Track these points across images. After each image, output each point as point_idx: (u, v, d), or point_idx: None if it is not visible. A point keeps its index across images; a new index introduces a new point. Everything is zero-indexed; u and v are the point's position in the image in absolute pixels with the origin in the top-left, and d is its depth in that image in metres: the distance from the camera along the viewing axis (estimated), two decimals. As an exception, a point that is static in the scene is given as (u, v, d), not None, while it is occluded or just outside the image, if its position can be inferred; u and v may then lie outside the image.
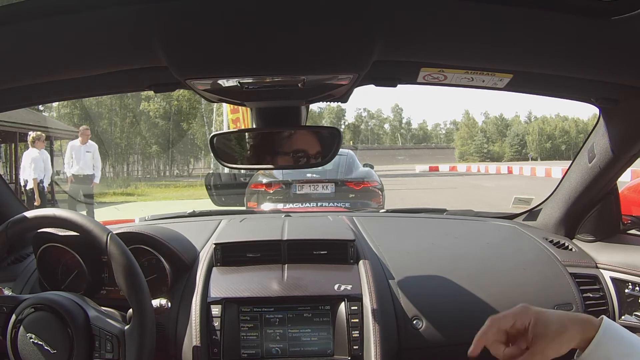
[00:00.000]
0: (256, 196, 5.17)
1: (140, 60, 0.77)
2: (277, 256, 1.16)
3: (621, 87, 0.88)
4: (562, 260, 1.23)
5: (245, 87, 0.81)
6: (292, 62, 0.73)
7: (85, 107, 28.78)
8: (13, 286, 1.16)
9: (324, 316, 1.06)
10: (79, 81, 0.85)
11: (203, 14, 0.63)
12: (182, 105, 30.92)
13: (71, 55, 0.74)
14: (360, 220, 1.43)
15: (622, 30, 0.62)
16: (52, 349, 0.86)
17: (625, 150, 1.05)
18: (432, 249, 1.30)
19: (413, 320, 1.08)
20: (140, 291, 0.88)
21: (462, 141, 67.64)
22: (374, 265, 1.15)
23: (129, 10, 0.62)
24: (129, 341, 0.87)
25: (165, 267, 1.13)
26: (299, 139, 0.98)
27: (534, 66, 0.81)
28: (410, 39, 0.71)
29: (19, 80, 0.82)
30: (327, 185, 5.21)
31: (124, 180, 24.43)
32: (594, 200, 1.24)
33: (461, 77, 0.86)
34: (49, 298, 0.90)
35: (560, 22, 0.63)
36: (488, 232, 1.41)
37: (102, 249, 0.89)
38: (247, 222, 1.40)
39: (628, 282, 1.16)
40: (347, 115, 78.16)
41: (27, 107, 2.33)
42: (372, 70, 0.76)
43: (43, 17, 0.62)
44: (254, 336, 1.05)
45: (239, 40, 0.67)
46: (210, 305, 1.06)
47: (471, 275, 1.17)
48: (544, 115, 70.74)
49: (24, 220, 0.93)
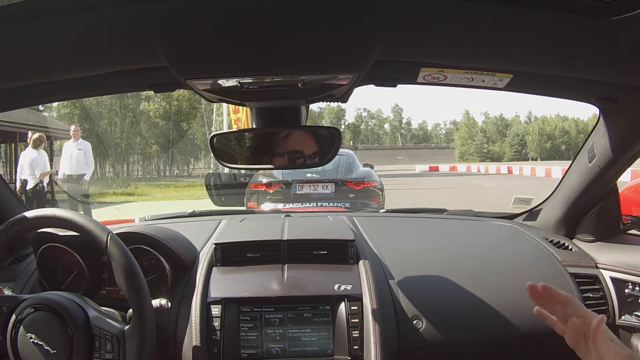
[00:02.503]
0: (256, 196, 5.16)
1: (140, 60, 0.77)
2: (277, 256, 1.16)
3: (621, 87, 0.88)
4: (562, 260, 1.23)
5: (246, 87, 0.81)
6: (292, 62, 0.73)
7: (85, 107, 28.75)
8: (13, 286, 1.16)
9: (324, 316, 1.06)
10: (79, 81, 0.85)
11: (203, 14, 0.63)
12: (182, 105, 30.90)
13: (71, 55, 0.74)
14: (360, 220, 1.43)
15: (622, 30, 0.62)
16: (52, 349, 0.86)
17: (625, 150, 1.05)
18: (432, 249, 1.30)
19: (413, 320, 1.08)
20: (140, 291, 0.88)
21: (462, 141, 67.60)
22: (374, 265, 1.15)
23: (128, 10, 0.62)
24: (129, 341, 0.87)
25: (165, 267, 1.13)
26: (299, 139, 0.98)
27: (534, 66, 0.81)
28: (410, 39, 0.71)
29: (19, 80, 0.82)
30: (327, 185, 5.21)
31: (124, 180, 24.40)
32: (594, 200, 1.24)
33: (461, 77, 0.86)
34: (49, 298, 0.90)
35: (560, 22, 0.63)
36: (488, 232, 1.41)
37: (102, 249, 0.89)
38: (247, 222, 1.40)
39: (628, 282, 1.16)
40: (347, 115, 78.22)
41: (27, 107, 2.33)
42: (372, 70, 0.76)
43: (43, 17, 0.62)
44: (254, 336, 1.05)
45: (239, 41, 0.67)
46: (210, 305, 1.06)
47: (471, 275, 1.17)
48: (544, 115, 70.79)
49: (24, 220, 0.93)
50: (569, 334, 0.80)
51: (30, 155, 6.10)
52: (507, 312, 1.10)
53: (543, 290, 0.81)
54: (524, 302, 1.12)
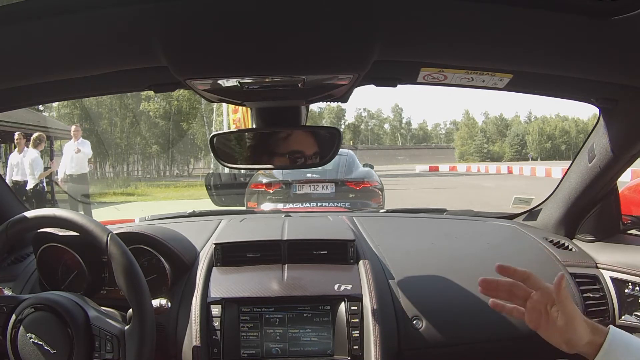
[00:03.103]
0: (256, 196, 5.16)
1: (140, 60, 0.77)
2: (277, 256, 1.16)
3: (621, 87, 0.88)
4: (562, 260, 1.22)
5: (245, 87, 0.81)
6: (292, 62, 0.73)
7: (85, 107, 28.74)
8: (13, 286, 1.16)
9: (324, 316, 1.06)
10: (79, 81, 0.85)
11: (203, 14, 0.63)
12: (182, 105, 30.89)
13: (71, 55, 0.74)
14: (360, 220, 1.43)
15: (622, 30, 0.62)
16: (52, 349, 0.86)
17: (625, 150, 1.05)
18: (432, 249, 1.30)
19: (413, 320, 1.08)
20: (140, 291, 0.88)
21: (462, 141, 67.61)
22: (374, 265, 1.15)
23: (128, 10, 0.62)
24: (129, 341, 0.86)
25: (165, 267, 1.13)
26: (299, 139, 0.98)
27: (534, 66, 0.81)
28: (410, 39, 0.71)
29: (19, 80, 0.82)
30: (327, 185, 5.21)
31: (124, 180, 24.38)
32: (594, 200, 1.24)
33: (461, 77, 0.86)
34: (49, 298, 0.90)
35: (560, 22, 0.63)
36: (488, 232, 1.41)
37: (102, 249, 0.89)
38: (247, 222, 1.40)
39: (628, 282, 1.16)
40: (347, 115, 78.27)
41: (27, 107, 2.32)
42: (372, 70, 0.76)
43: (43, 17, 0.62)
44: (254, 336, 1.05)
45: (239, 41, 0.67)
46: (210, 305, 1.06)
47: (471, 275, 1.17)
48: (544, 115, 70.86)
49: (24, 220, 0.93)
50: (528, 314, 0.78)
51: (31, 155, 6.09)
52: None
53: (500, 271, 0.79)
54: None
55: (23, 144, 6.22)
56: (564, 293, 0.75)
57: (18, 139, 6.21)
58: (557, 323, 0.75)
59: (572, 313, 0.74)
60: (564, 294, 0.75)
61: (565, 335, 0.74)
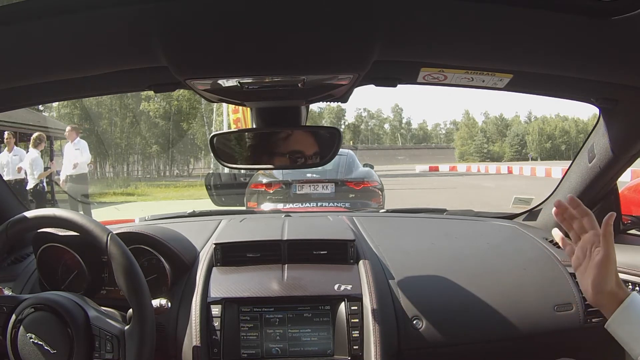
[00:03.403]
0: (256, 196, 5.16)
1: (140, 60, 0.77)
2: (277, 256, 1.16)
3: (621, 87, 0.88)
4: (562, 260, 1.22)
5: (245, 87, 0.81)
6: (292, 62, 0.73)
7: (85, 107, 28.74)
8: (13, 286, 1.16)
9: (324, 316, 1.06)
10: (79, 81, 0.85)
11: (203, 14, 0.63)
12: (182, 105, 30.90)
13: (71, 55, 0.74)
14: (360, 220, 1.43)
15: (622, 30, 0.63)
16: (52, 349, 0.86)
17: (625, 150, 1.05)
18: (432, 249, 1.30)
19: (413, 320, 1.08)
20: (140, 291, 0.88)
21: (462, 141, 67.62)
22: (374, 265, 1.15)
23: (128, 10, 0.62)
24: (129, 341, 0.86)
25: (165, 267, 1.13)
26: (299, 139, 0.98)
27: (534, 66, 0.81)
28: (410, 39, 0.71)
29: (19, 80, 0.82)
30: (327, 185, 5.21)
31: (124, 180, 24.40)
32: (594, 200, 1.24)
33: (461, 77, 0.86)
34: (49, 298, 0.90)
35: (560, 22, 0.63)
36: (488, 232, 1.41)
37: (102, 249, 0.89)
38: (247, 222, 1.40)
39: (628, 282, 1.16)
40: (347, 115, 78.33)
41: (27, 107, 2.33)
42: (372, 70, 0.76)
43: (43, 17, 0.62)
44: (254, 336, 1.05)
45: (238, 41, 0.67)
46: (210, 305, 1.06)
47: (471, 275, 1.17)
48: (544, 115, 70.88)
49: (24, 220, 0.92)
50: (577, 252, 0.86)
51: (31, 155, 6.09)
52: (507, 312, 1.10)
53: (570, 201, 0.86)
54: (524, 302, 1.12)
55: (12, 143, 6.18)
56: (609, 230, 0.81)
57: (7, 138, 6.16)
58: (594, 259, 0.82)
59: (609, 250, 0.81)
60: (609, 230, 0.81)
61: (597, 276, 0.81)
